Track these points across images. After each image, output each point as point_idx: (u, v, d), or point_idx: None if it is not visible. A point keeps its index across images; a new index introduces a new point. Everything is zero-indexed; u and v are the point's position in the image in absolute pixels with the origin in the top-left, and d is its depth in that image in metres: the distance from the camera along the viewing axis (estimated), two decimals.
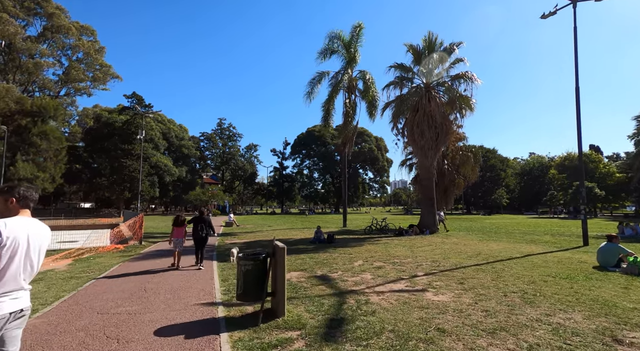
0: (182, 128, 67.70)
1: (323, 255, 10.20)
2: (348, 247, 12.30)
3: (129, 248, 12.49)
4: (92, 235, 15.40)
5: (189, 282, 6.74)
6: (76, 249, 11.26)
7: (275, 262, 4.79)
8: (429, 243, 13.43)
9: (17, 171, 29.12)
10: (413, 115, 18.88)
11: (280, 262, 4.69)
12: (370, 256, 9.90)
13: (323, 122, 25.99)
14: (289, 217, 46.11)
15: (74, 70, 48.84)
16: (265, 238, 16.01)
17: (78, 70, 49.14)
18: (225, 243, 14.28)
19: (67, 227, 24.52)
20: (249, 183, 78.87)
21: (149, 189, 50.78)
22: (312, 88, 23.86)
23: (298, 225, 27.24)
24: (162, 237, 16.75)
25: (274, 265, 4.80)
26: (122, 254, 10.94)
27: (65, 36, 48.19)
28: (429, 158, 18.54)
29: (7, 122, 31.24)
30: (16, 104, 32.00)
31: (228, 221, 26.17)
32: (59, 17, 46.88)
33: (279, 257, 4.71)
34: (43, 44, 46.59)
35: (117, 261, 9.54)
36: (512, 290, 5.76)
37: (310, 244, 13.47)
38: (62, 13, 48.37)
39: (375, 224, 18.82)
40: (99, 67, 52.79)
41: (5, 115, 31.05)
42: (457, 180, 23.01)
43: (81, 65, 50.71)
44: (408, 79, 19.49)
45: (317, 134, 78.12)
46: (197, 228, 8.46)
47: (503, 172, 70.09)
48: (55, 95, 49.48)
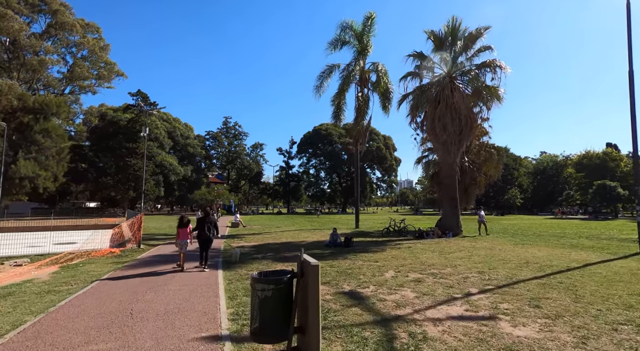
0: (188, 127, 66.89)
1: (344, 263, 8.84)
2: (370, 252, 10.91)
3: (125, 252, 11.27)
4: (94, 236, 14.26)
5: (188, 300, 5.44)
6: (65, 254, 10.05)
7: (305, 284, 3.43)
8: (458, 247, 11.98)
9: (18, 169, 28.29)
10: (434, 108, 17.42)
11: (313, 285, 3.33)
12: (400, 264, 8.51)
13: (333, 118, 24.57)
14: (296, 217, 44.85)
15: (78, 67, 48.19)
16: (274, 241, 14.70)
17: (82, 68, 48.48)
18: (232, 246, 13.00)
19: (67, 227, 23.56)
20: (255, 183, 77.80)
21: (154, 188, 49.93)
22: (322, 82, 22.50)
23: (307, 226, 25.92)
24: (164, 239, 15.54)
25: (304, 289, 3.44)
26: (117, 260, 9.70)
27: (69, 33, 47.55)
28: (452, 154, 17.05)
29: (9, 119, 30.47)
30: (18, 101, 31.22)
31: (234, 221, 24.95)
32: (64, 14, 46.21)
33: (312, 278, 3.34)
34: (47, 41, 45.99)
35: (109, 269, 8.30)
36: (615, 319, 4.33)
37: (325, 248, 12.11)
38: (67, 10, 47.70)
39: (393, 225, 17.39)
40: (103, 65, 52.13)
41: (7, 112, 30.25)
42: (479, 179, 21.44)
43: (86, 63, 50.09)
44: (428, 68, 18.01)
45: (324, 133, 76.77)
46: (202, 229, 8.15)
47: (516, 171, 67.89)
48: (60, 93, 48.87)
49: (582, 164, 52.34)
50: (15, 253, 10.57)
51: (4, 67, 42.97)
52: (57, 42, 47.62)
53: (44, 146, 31.11)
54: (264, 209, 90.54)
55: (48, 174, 31.23)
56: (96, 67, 51.86)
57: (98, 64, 51.78)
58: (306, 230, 21.54)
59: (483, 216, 17.54)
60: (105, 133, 49.40)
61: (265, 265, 8.81)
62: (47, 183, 31.05)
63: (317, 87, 22.29)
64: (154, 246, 13.02)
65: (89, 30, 50.60)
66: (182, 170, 56.64)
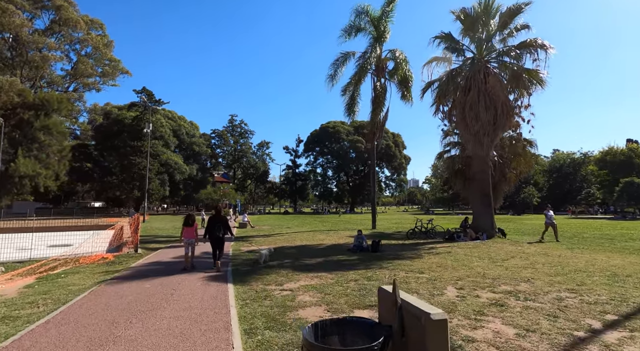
0: (193, 125, 65.72)
1: (382, 275, 7.15)
2: (405, 259, 9.20)
3: (120, 257, 9.73)
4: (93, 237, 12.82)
5: (187, 337, 3.81)
6: (47, 261, 8.51)
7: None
8: (507, 253, 10.19)
9: (17, 168, 27.12)
10: (464, 95, 15.60)
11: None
12: (454, 277, 6.79)
13: (346, 111, 22.78)
14: (305, 217, 43.21)
15: (82, 64, 47.19)
16: (288, 244, 13.06)
17: (86, 65, 47.48)
18: (242, 251, 11.39)
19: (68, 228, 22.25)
20: (261, 182, 76.38)
21: (159, 188, 48.73)
22: (336, 71, 20.79)
23: (319, 226, 24.25)
24: (166, 242, 14.01)
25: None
26: (107, 268, 8.15)
27: (73, 30, 46.54)
28: (485, 146, 15.21)
29: (10, 116, 29.37)
30: (18, 97, 30.09)
31: (242, 221, 23.40)
32: (67, 10, 45.19)
33: (433, 341, 1.64)
34: (51, 38, 45.03)
35: (93, 281, 6.73)
36: None
37: (351, 254, 10.42)
38: (71, 6, 46.70)
39: (420, 226, 15.63)
40: (108, 62, 51.11)
41: (7, 109, 29.13)
42: (509, 175, 19.54)
43: (90, 60, 49.09)
44: (457, 50, 16.20)
45: (332, 130, 75.08)
46: (213, 228, 7.96)
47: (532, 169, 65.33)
48: (64, 91, 47.94)
49: (604, 161, 49.79)
50: None
51: (7, 65, 42.11)
52: (61, 38, 46.66)
53: (44, 143, 29.93)
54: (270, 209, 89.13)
55: (49, 173, 30.07)
56: (100, 65, 50.87)
57: (102, 61, 50.77)
58: (319, 231, 19.89)
59: (552, 217, 13.82)
60: (110, 132, 48.36)
61: (284, 276, 7.17)
62: (48, 182, 29.89)
63: (330, 75, 20.62)
64: (154, 250, 11.48)
65: (93, 27, 49.62)
66: (188, 169, 55.41)
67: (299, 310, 4.79)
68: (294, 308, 4.90)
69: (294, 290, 6.00)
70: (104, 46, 49.93)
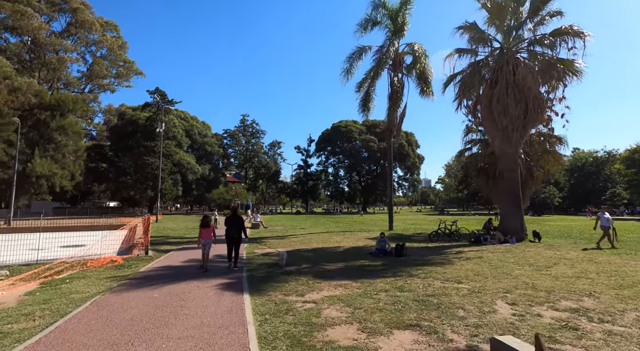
0: (205, 125, 66.01)
1: (415, 284, 6.36)
2: (435, 265, 8.37)
3: (129, 260, 9.24)
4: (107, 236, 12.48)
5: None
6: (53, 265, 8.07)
7: None
8: (547, 259, 9.21)
9: (34, 167, 27.38)
10: (490, 88, 14.60)
11: None
12: (499, 288, 5.94)
13: (361, 107, 21.91)
14: (318, 217, 42.51)
15: (97, 66, 47.86)
16: (305, 247, 12.37)
17: (101, 66, 48.14)
18: (256, 253, 10.76)
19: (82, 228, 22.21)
20: (273, 182, 76.14)
21: (172, 188, 48.94)
22: (351, 65, 19.98)
23: (333, 227, 23.49)
24: (178, 244, 13.54)
25: None
26: (115, 273, 7.63)
27: (89, 32, 47.23)
28: (514, 142, 14.19)
29: (27, 117, 29.75)
30: (35, 97, 30.48)
31: (254, 222, 22.86)
32: (83, 12, 45.88)
33: None
34: (67, 40, 45.78)
35: (99, 288, 6.18)
36: None
37: (373, 258, 9.65)
38: (87, 9, 47.40)
39: (444, 228, 14.69)
40: (122, 63, 51.72)
41: (24, 110, 29.51)
42: (536, 174, 18.34)
43: (105, 61, 49.77)
44: (482, 40, 15.18)
45: (344, 130, 74.19)
46: (229, 228, 7.97)
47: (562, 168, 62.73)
48: (80, 92, 48.71)
49: (632, 159, 47.27)
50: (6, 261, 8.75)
51: (26, 67, 43.00)
52: (77, 40, 47.41)
53: (60, 144, 30.21)
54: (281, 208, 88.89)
55: (65, 172, 30.33)
56: (115, 66, 51.52)
57: (117, 62, 51.42)
58: (335, 232, 19.13)
59: (610, 220, 11.90)
60: (125, 133, 48.86)
61: (305, 284, 6.47)
62: (63, 181, 30.15)
63: (345, 70, 19.82)
64: (165, 252, 10.98)
65: (108, 29, 50.27)
66: (200, 169, 55.58)
67: (328, 330, 4.08)
68: (321, 326, 4.18)
69: (317, 302, 5.29)
70: (119, 47, 50.53)
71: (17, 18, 38.36)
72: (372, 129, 76.62)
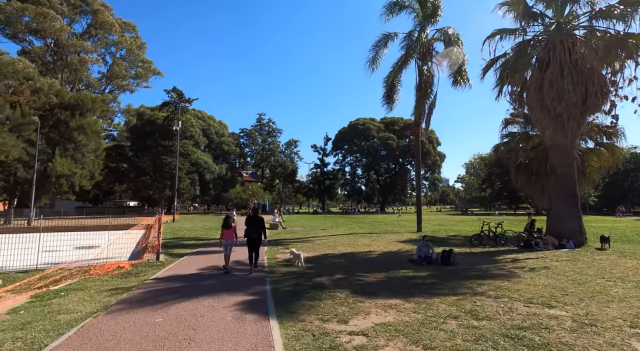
0: (222, 125, 65.89)
1: (486, 306, 4.88)
2: (498, 278, 6.83)
3: (138, 267, 8.19)
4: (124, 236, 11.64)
5: None
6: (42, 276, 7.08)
7: None
8: (636, 271, 7.47)
9: (54, 167, 27.38)
10: (540, 71, 12.78)
11: None
12: (612, 315, 4.39)
13: (385, 100, 20.28)
14: (336, 217, 41.07)
15: (116, 66, 48.33)
16: (332, 252, 11.03)
17: (121, 66, 48.57)
18: (278, 260, 9.51)
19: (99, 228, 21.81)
20: (289, 181, 75.30)
21: (189, 187, 48.83)
22: (377, 53, 18.43)
23: (356, 228, 22.04)
24: (194, 246, 12.50)
25: None
26: (119, 283, 6.55)
27: (108, 33, 47.77)
28: (570, 133, 12.29)
29: (48, 117, 29.89)
30: (56, 97, 30.63)
31: (273, 222, 21.74)
32: (103, 14, 46.38)
33: None
34: (88, 41, 46.41)
35: (95, 306, 5.07)
36: None
37: (416, 267, 8.19)
38: (107, 10, 47.95)
39: (488, 230, 12.99)
40: (141, 64, 52.12)
41: (45, 109, 29.67)
42: (589, 169, 16.25)
43: (124, 62, 50.26)
44: (531, 17, 13.35)
45: (361, 127, 72.44)
46: (250, 229, 7.73)
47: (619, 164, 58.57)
48: (101, 93, 49.39)
49: None
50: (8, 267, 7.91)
51: (49, 69, 43.84)
52: (97, 42, 48.03)
53: (80, 143, 30.18)
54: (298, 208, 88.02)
55: (84, 172, 30.30)
56: (134, 66, 51.97)
57: (136, 63, 51.87)
58: (360, 234, 17.70)
59: None
60: (143, 133, 49.18)
61: (344, 302, 5.13)
62: (83, 181, 30.12)
63: (370, 59, 18.30)
64: (178, 257, 9.91)
65: (127, 29, 50.73)
66: (217, 168, 55.36)
67: None
68: None
69: (368, 333, 3.94)
70: (137, 48, 50.92)
71: (40, 20, 39.02)
72: (391, 127, 74.41)
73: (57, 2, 42.28)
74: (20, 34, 41.32)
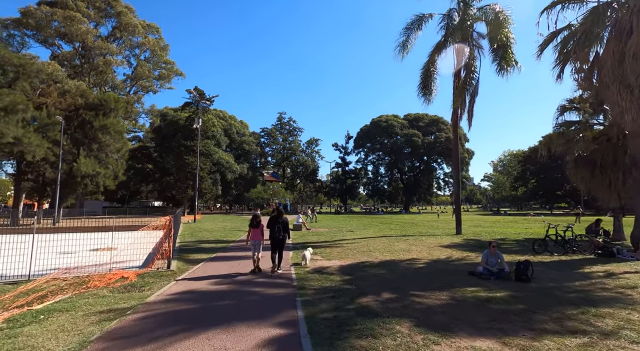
0: (243, 124, 65.69)
1: None
2: (621, 306, 4.96)
3: (144, 277, 6.94)
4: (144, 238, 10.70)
5: None
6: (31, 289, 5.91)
7: None
8: None
9: (79, 167, 27.46)
10: (619, 42, 10.54)
11: None
12: None
13: (421, 91, 18.33)
14: (360, 217, 39.23)
15: (140, 67, 48.96)
16: (369, 259, 9.40)
17: (144, 68, 49.18)
18: (307, 270, 8.00)
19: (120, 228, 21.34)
20: (310, 180, 74.06)
21: (211, 187, 48.67)
22: (408, 37, 16.52)
23: (385, 230, 20.23)
24: (212, 251, 11.26)
25: None
26: (112, 304, 5.27)
27: (132, 34, 48.44)
28: None
29: (73, 117, 30.17)
30: (81, 97, 30.91)
31: (296, 223, 20.37)
32: (127, 16, 47.06)
33: None
34: (112, 43, 47.24)
35: (72, 342, 3.76)
36: None
37: (485, 283, 6.41)
38: (130, 12, 48.67)
39: (555, 234, 10.87)
40: (164, 65, 52.61)
41: (70, 110, 29.96)
42: None
43: (148, 64, 50.90)
44: None
45: (384, 124, 69.97)
46: (273, 229, 7.54)
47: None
48: (126, 95, 50.23)
49: None
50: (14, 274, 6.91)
51: (78, 72, 44.96)
52: (121, 44, 48.81)
53: (104, 143, 30.25)
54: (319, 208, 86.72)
55: (108, 172, 30.34)
56: (157, 67, 52.53)
57: (159, 64, 52.39)
58: (393, 237, 15.91)
59: None
60: (167, 133, 49.57)
61: (409, 343, 3.53)
62: (107, 181, 30.16)
63: (401, 44, 16.41)
64: (194, 263, 8.65)
65: (150, 31, 51.32)
66: (239, 168, 55.02)
67: None
68: None
69: None
70: (161, 49, 51.41)
71: (68, 24, 39.90)
72: (415, 123, 71.42)
73: (83, 6, 43.24)
74: (50, 39, 42.53)
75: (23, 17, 38.99)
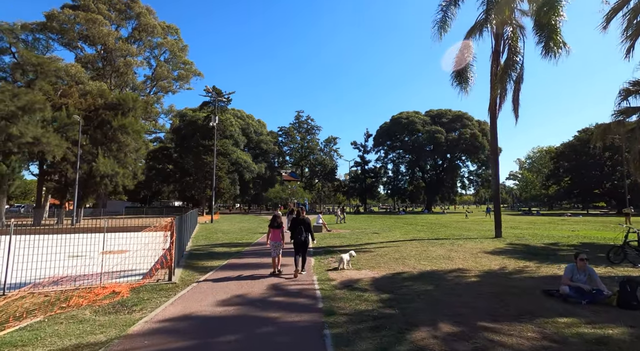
0: (261, 123, 65.21)
1: None
2: None
3: (139, 291, 5.77)
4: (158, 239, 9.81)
5: None
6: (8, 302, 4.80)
7: None
8: None
9: (98, 167, 27.38)
10: None
11: None
12: None
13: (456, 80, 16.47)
14: (383, 217, 37.39)
15: (160, 68, 49.30)
16: (406, 269, 7.87)
17: (163, 68, 49.51)
18: (334, 282, 6.59)
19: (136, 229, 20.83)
20: (329, 180, 72.66)
21: (229, 187, 48.27)
22: (446, 14, 14.73)
23: (413, 232, 18.50)
24: (224, 257, 10.08)
25: None
26: (91, 333, 4.07)
27: (152, 35, 48.85)
28: None
29: (93, 117, 30.26)
30: (100, 97, 30.99)
31: (316, 224, 19.03)
32: (146, 17, 47.49)
33: None
34: (133, 45, 47.78)
35: None
36: None
37: (580, 313, 4.76)
38: (150, 14, 49.10)
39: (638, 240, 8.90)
40: (182, 65, 52.83)
41: (90, 111, 30.06)
42: None
43: (167, 64, 51.25)
44: None
45: (405, 121, 67.46)
46: (295, 231, 7.38)
47: None
48: (146, 96, 50.76)
49: None
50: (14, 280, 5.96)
51: (100, 74, 45.77)
52: (141, 45, 49.31)
53: (122, 143, 30.14)
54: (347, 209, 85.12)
55: (126, 171, 30.21)
56: (176, 68, 52.83)
57: (178, 65, 52.67)
58: (424, 240, 14.22)
59: None
60: (186, 133, 49.71)
61: None
62: (125, 180, 30.02)
63: (439, 22, 14.60)
64: (202, 272, 7.45)
65: (169, 32, 51.67)
66: (257, 167, 54.46)
67: None
68: None
69: None
70: (180, 50, 51.64)
71: (90, 26, 40.51)
72: (438, 120, 68.45)
73: (104, 9, 43.89)
74: (73, 42, 43.40)
75: (48, 20, 39.91)
